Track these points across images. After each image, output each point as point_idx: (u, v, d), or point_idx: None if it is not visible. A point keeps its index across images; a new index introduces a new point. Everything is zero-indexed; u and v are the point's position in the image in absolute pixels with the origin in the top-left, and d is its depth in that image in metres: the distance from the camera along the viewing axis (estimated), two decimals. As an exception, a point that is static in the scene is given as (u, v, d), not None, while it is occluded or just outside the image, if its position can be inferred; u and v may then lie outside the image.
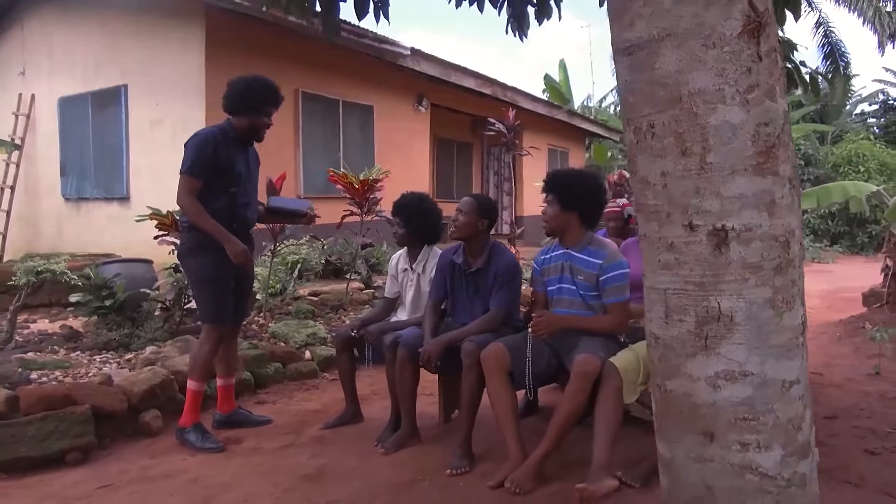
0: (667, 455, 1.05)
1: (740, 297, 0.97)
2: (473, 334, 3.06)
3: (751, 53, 0.91)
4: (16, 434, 3.21)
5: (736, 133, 0.93)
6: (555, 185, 3.00)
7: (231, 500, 2.77)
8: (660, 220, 0.99)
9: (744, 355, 0.98)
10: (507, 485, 2.63)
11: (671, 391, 1.01)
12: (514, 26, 4.11)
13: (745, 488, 1.00)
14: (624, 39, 0.97)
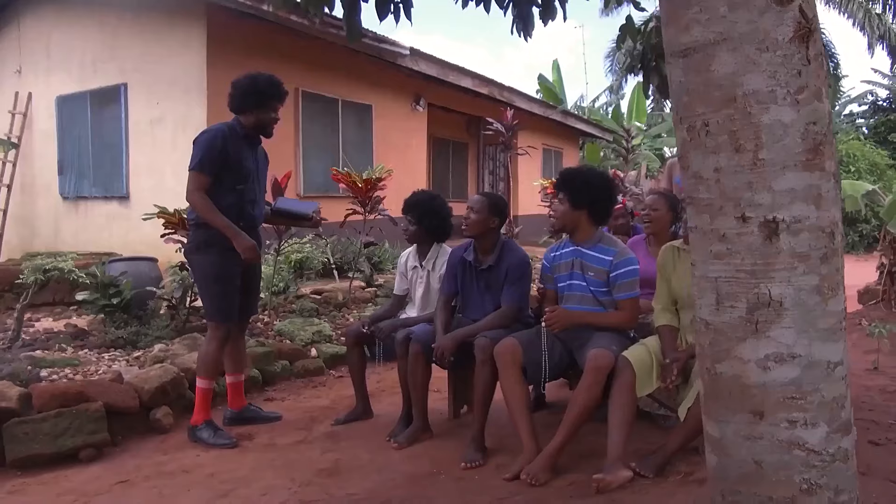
0: (715, 434, 1.11)
1: (789, 284, 1.04)
2: (486, 330, 3.10)
3: (801, 57, 0.98)
4: (31, 431, 3.23)
5: (787, 131, 1.00)
6: (565, 183, 3.05)
7: (250, 494, 2.80)
8: (712, 212, 1.05)
9: (792, 338, 1.04)
10: (522, 476, 2.68)
11: (721, 374, 1.07)
12: (520, 27, 4.15)
13: (792, 463, 1.06)
14: (679, 43, 1.03)
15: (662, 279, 3.01)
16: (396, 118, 9.81)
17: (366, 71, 8.91)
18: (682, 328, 2.95)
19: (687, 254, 2.93)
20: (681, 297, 2.94)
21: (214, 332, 3.45)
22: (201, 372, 3.47)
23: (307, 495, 2.74)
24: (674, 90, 1.11)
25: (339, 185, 5.89)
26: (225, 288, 3.41)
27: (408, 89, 10.00)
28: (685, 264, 2.91)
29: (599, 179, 3.10)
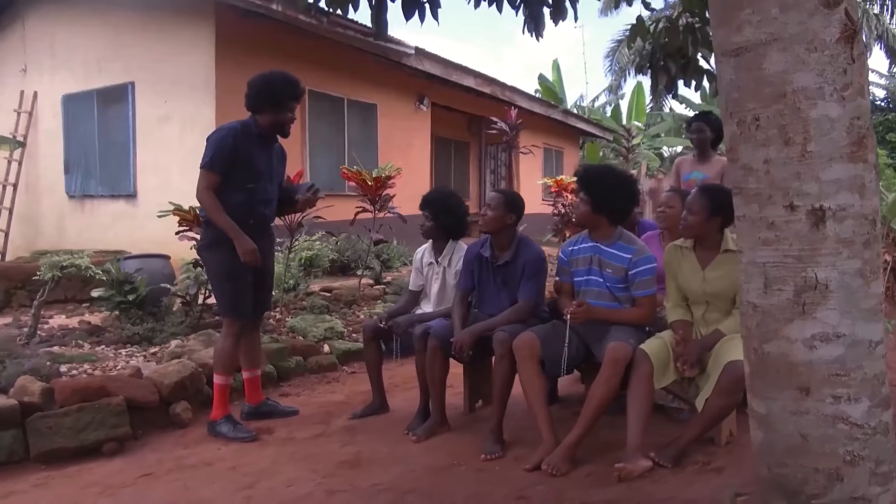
0: (762, 411, 1.18)
1: (834, 268, 1.12)
2: (503, 325, 3.15)
3: (846, 56, 1.05)
4: (54, 425, 3.27)
5: (833, 125, 1.07)
6: (589, 186, 3.07)
7: (274, 486, 2.85)
8: (761, 201, 1.12)
9: (837, 319, 1.12)
10: (543, 467, 2.73)
11: (769, 353, 1.14)
12: (531, 27, 4.20)
13: (836, 436, 1.14)
14: (731, 42, 1.10)
15: (670, 277, 3.07)
16: (400, 117, 9.87)
17: (370, 70, 8.95)
18: (695, 322, 3.01)
19: (689, 251, 2.99)
20: (690, 292, 3.00)
21: (229, 329, 3.49)
22: (218, 368, 3.51)
23: (332, 486, 2.79)
24: (723, 87, 1.17)
25: (347, 183, 5.93)
26: (237, 285, 3.43)
27: (411, 89, 10.05)
28: (689, 262, 2.98)
29: (623, 185, 3.12)
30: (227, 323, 3.51)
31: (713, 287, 2.89)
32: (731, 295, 2.88)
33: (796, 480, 1.14)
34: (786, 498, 1.16)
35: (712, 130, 4.73)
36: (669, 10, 4.92)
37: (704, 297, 2.93)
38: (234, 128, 3.43)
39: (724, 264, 2.87)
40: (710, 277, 2.90)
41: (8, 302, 5.57)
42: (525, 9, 4.20)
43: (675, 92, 4.91)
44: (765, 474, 1.20)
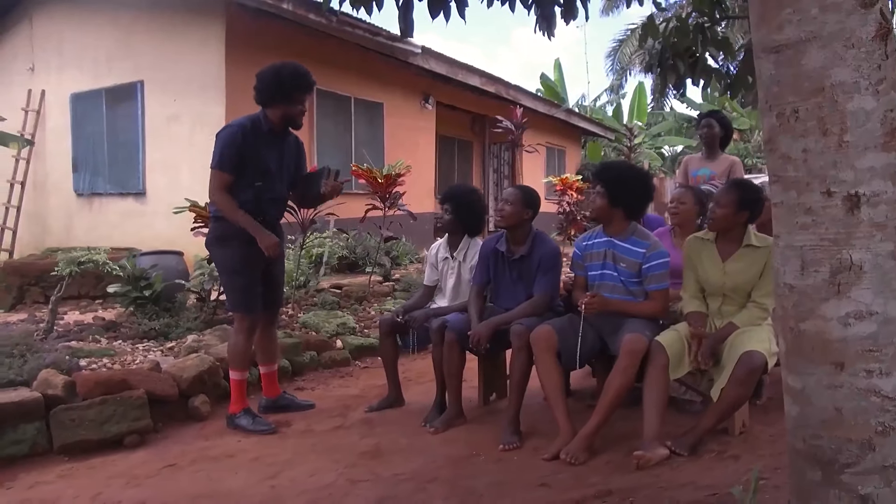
0: (797, 386, 1.25)
1: (868, 250, 1.20)
2: (520, 318, 3.21)
3: (881, 53, 1.14)
4: (77, 418, 3.33)
5: (869, 117, 1.16)
6: (607, 181, 3.13)
7: (297, 476, 2.90)
8: (799, 188, 1.19)
9: (870, 298, 1.20)
10: (562, 456, 2.78)
11: (805, 331, 1.22)
12: (543, 26, 4.26)
13: (869, 408, 1.22)
14: (772, 40, 1.18)
15: (689, 269, 3.13)
16: (406, 116, 9.93)
17: (377, 69, 9.01)
18: (711, 314, 3.07)
19: (710, 244, 3.05)
20: (708, 284, 3.05)
21: (241, 324, 3.50)
22: (232, 364, 3.54)
23: (354, 476, 2.84)
24: (763, 82, 1.24)
25: (358, 181, 5.99)
26: (247, 280, 3.44)
27: (417, 88, 10.11)
28: (710, 254, 3.04)
29: (639, 181, 3.18)
30: (239, 318, 3.52)
31: (732, 280, 2.95)
32: (748, 288, 2.94)
33: (830, 451, 1.21)
34: (820, 468, 1.23)
35: (722, 128, 4.80)
36: (677, 9, 4.99)
37: (722, 289, 2.99)
38: (243, 124, 3.39)
39: (745, 258, 2.94)
40: (731, 270, 2.96)
41: (21, 298, 5.62)
42: (537, 8, 4.26)
43: (684, 91, 4.98)
44: (800, 447, 1.27)
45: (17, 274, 5.72)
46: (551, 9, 4.27)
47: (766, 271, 2.87)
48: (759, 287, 2.90)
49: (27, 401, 3.26)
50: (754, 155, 17.38)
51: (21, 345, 3.90)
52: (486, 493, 2.55)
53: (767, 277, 2.86)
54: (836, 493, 1.22)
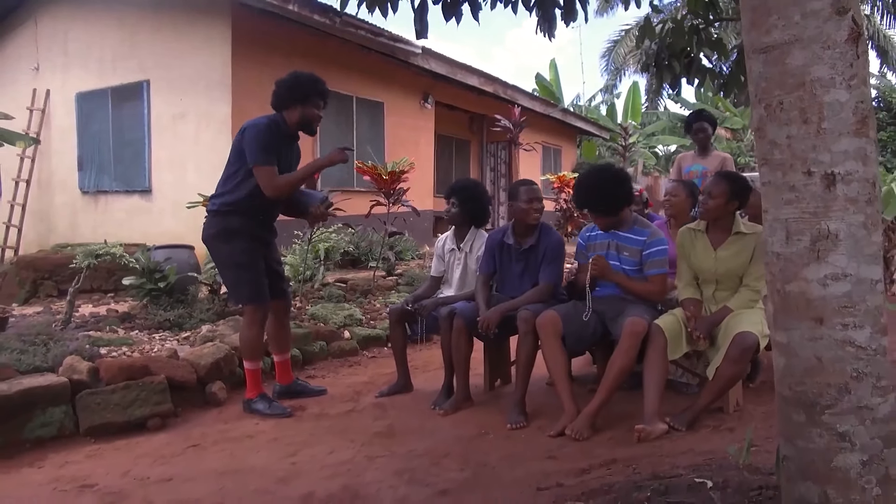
0: (783, 340, 1.44)
1: (843, 221, 1.40)
2: (527, 304, 3.38)
3: (852, 53, 1.35)
4: (102, 401, 3.48)
5: (843, 107, 1.36)
6: (589, 205, 3.33)
7: (316, 454, 3.06)
8: (784, 169, 1.39)
9: (845, 262, 1.40)
10: (567, 433, 2.96)
11: (789, 292, 1.42)
12: (544, 27, 4.43)
13: (845, 357, 1.42)
14: (761, 42, 1.40)
15: (682, 259, 3.31)
16: (406, 115, 10.09)
17: (378, 69, 9.17)
18: (706, 300, 3.25)
19: (701, 233, 3.23)
20: (702, 271, 3.24)
21: (253, 316, 3.61)
22: (247, 355, 3.68)
23: (371, 453, 3.00)
24: (753, 78, 1.44)
25: (363, 178, 6.15)
26: (252, 272, 3.57)
27: (417, 87, 10.28)
28: (702, 243, 3.22)
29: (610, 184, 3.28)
30: (250, 310, 3.62)
31: (724, 266, 3.14)
32: (739, 273, 3.12)
33: (813, 395, 1.41)
34: (804, 411, 1.42)
35: (712, 126, 4.99)
36: (672, 11, 5.18)
37: (715, 276, 3.17)
38: (270, 122, 3.53)
39: (735, 245, 3.12)
40: (722, 257, 3.14)
41: (35, 292, 5.76)
42: (538, 10, 4.43)
43: (679, 90, 5.18)
44: (787, 393, 1.45)
45: (31, 268, 5.86)
46: (552, 10, 4.45)
47: (755, 257, 3.06)
48: (750, 272, 3.09)
49: (55, 385, 3.41)
50: (747, 153, 17.62)
51: (42, 334, 4.05)
52: (498, 464, 2.72)
53: (758, 262, 3.06)
54: (818, 431, 1.41)
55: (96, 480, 2.87)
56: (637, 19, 20.73)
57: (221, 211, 3.55)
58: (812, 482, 1.38)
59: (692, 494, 1.66)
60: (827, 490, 1.35)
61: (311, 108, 3.59)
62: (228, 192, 3.53)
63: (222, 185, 3.58)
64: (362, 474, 2.75)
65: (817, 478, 1.38)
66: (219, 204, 3.56)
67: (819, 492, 1.36)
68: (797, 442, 1.42)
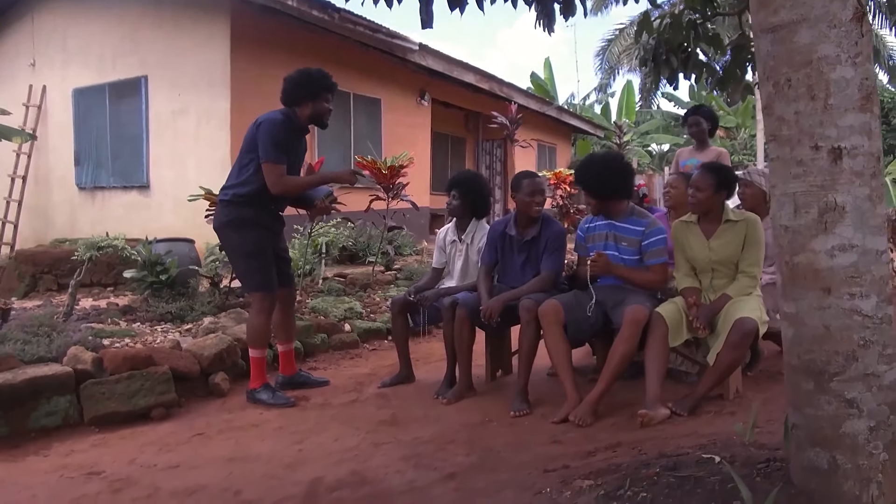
0: (792, 310, 1.49)
1: (849, 193, 1.45)
2: (529, 293, 3.42)
3: (857, 32, 1.40)
4: (106, 391, 3.49)
5: (848, 84, 1.41)
6: (586, 184, 3.39)
7: (322, 441, 3.09)
8: (791, 144, 1.44)
9: (851, 233, 1.45)
10: (571, 419, 3.00)
11: (798, 263, 1.47)
12: (545, 23, 4.47)
13: (852, 325, 1.46)
14: (769, 22, 1.45)
15: (679, 250, 3.36)
16: (403, 112, 10.11)
17: (375, 66, 9.19)
18: (704, 289, 3.30)
19: (694, 225, 3.28)
20: (697, 261, 3.29)
21: (261, 304, 3.66)
22: (253, 343, 3.71)
23: (376, 440, 3.03)
24: (761, 57, 1.49)
25: (364, 172, 6.17)
26: (262, 261, 3.64)
27: (414, 84, 10.30)
28: (695, 234, 3.28)
29: (613, 168, 3.38)
30: (258, 299, 3.67)
31: (718, 255, 3.19)
32: (734, 261, 3.18)
33: (821, 363, 1.45)
34: (812, 379, 1.46)
35: (708, 121, 5.04)
36: (669, 6, 5.23)
37: (710, 264, 3.23)
38: (284, 118, 3.60)
39: (727, 233, 3.18)
40: (715, 246, 3.19)
41: (34, 286, 5.76)
42: (538, 5, 4.47)
43: (676, 85, 5.22)
44: (795, 362, 1.49)
45: (30, 262, 5.85)
46: (551, 5, 4.48)
47: (747, 242, 3.13)
48: (744, 258, 3.15)
49: (60, 374, 3.42)
50: (740, 152, 17.74)
51: (45, 325, 4.06)
52: (504, 449, 2.75)
53: (751, 248, 3.13)
54: (826, 398, 1.45)
55: (103, 468, 2.89)
56: (631, 18, 20.85)
57: (234, 201, 3.60)
58: (821, 448, 1.43)
59: (701, 468, 1.70)
60: (836, 455, 1.40)
61: (322, 102, 3.65)
62: (241, 184, 3.58)
63: (235, 175, 3.64)
64: (369, 460, 2.78)
65: (826, 444, 1.43)
66: (231, 194, 3.61)
67: (828, 457, 1.41)
68: (806, 410, 1.47)
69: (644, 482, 1.74)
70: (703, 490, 1.57)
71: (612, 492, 1.76)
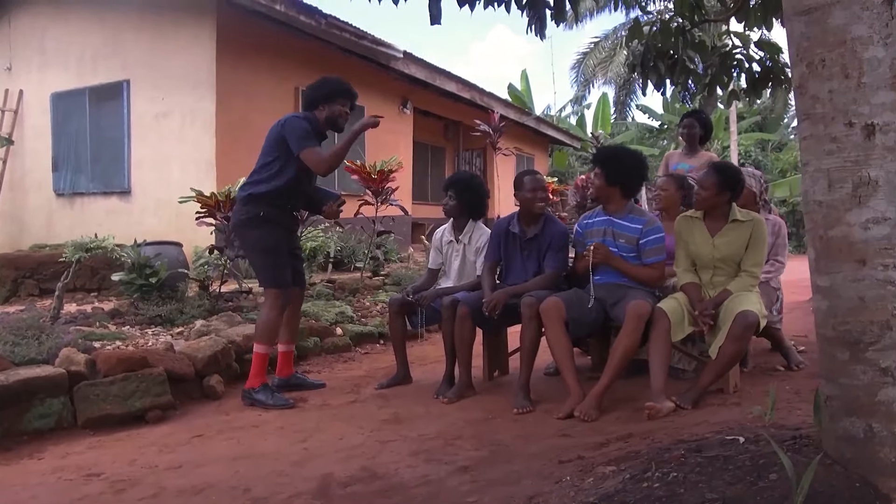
0: (826, 284, 1.56)
1: (882, 168, 1.52)
2: (532, 290, 3.44)
3: (888, 14, 1.50)
4: (101, 393, 3.43)
5: (880, 63, 1.49)
6: (603, 160, 3.44)
7: (327, 439, 3.05)
8: (825, 122, 1.51)
9: (884, 206, 1.52)
10: (576, 414, 3.01)
11: (832, 237, 1.54)
12: (537, 28, 4.55)
13: (886, 296, 1.53)
14: (803, 5, 1.55)
15: (681, 245, 3.42)
16: (385, 120, 10.06)
17: (358, 73, 9.16)
18: (704, 285, 3.36)
19: (699, 221, 3.35)
20: (700, 257, 3.35)
21: (274, 301, 3.68)
22: (262, 338, 3.69)
23: (381, 437, 3.01)
24: (794, 39, 1.57)
25: (352, 177, 6.17)
26: (278, 258, 3.69)
27: (396, 92, 10.33)
28: (699, 230, 3.34)
29: (632, 158, 3.48)
30: (272, 295, 3.70)
31: (721, 252, 3.25)
32: (736, 260, 3.24)
33: (856, 333, 1.51)
34: (848, 349, 1.51)
35: (701, 127, 5.15)
36: (655, 14, 5.35)
37: (713, 262, 3.29)
38: (305, 116, 3.70)
39: (732, 232, 3.24)
40: (719, 244, 3.26)
41: (16, 291, 5.61)
42: (529, 10, 4.54)
43: (664, 90, 5.34)
44: (830, 334, 1.55)
45: (12, 267, 5.71)
46: (543, 10, 4.56)
47: (751, 243, 3.20)
48: (748, 257, 3.21)
49: (53, 375, 3.36)
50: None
51: (33, 328, 3.96)
52: (513, 443, 2.76)
53: (755, 248, 3.19)
54: (861, 368, 1.51)
55: (102, 469, 2.83)
56: (605, 31, 21.25)
57: (254, 198, 3.65)
58: (857, 417, 1.48)
59: (726, 449, 1.73)
60: (871, 423, 1.45)
61: (337, 105, 3.76)
62: (263, 182, 3.65)
63: (256, 173, 3.70)
64: (377, 456, 2.76)
65: (861, 412, 1.48)
66: (251, 192, 3.67)
67: (864, 426, 1.45)
68: (841, 380, 1.51)
69: (671, 463, 1.76)
70: (734, 467, 1.59)
71: (640, 474, 1.77)
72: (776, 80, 4.86)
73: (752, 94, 5.07)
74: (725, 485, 1.53)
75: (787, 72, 4.82)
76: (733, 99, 5.26)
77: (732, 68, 5.02)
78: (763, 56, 4.85)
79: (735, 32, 5.05)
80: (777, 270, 3.88)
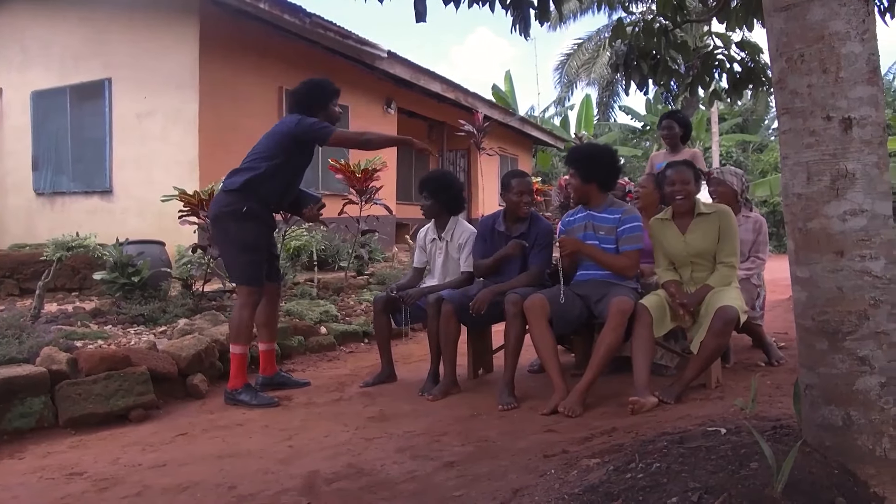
0: (805, 275, 1.58)
1: (859, 161, 1.55)
2: (517, 287, 3.46)
3: (865, 10, 1.54)
4: (83, 392, 3.39)
5: (857, 58, 1.53)
6: (575, 160, 3.48)
7: (313, 437, 3.05)
8: (804, 116, 1.54)
9: (861, 199, 1.55)
10: (560, 410, 3.04)
11: (811, 228, 1.57)
12: (521, 27, 4.57)
13: (863, 286, 1.56)
14: (784, 2, 1.60)
15: (657, 246, 3.47)
16: (370, 120, 10.09)
17: (343, 73, 9.15)
18: (684, 282, 3.40)
19: (669, 221, 3.40)
20: (675, 256, 3.39)
21: (248, 299, 3.63)
22: (237, 338, 3.65)
23: (367, 435, 3.01)
24: (774, 34, 1.60)
25: (336, 177, 6.15)
26: (256, 256, 3.64)
27: (380, 92, 10.31)
28: (671, 230, 3.39)
29: (602, 154, 3.51)
30: (246, 292, 3.64)
31: (694, 248, 3.31)
32: (711, 252, 3.29)
33: (835, 322, 1.55)
34: (826, 338, 1.54)
35: (681, 127, 5.20)
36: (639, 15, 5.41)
37: (688, 258, 3.34)
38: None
39: (700, 226, 3.31)
40: (690, 240, 3.31)
41: (-7, 291, 5.53)
42: (513, 10, 4.57)
43: (647, 90, 5.39)
44: (809, 324, 1.58)
45: (-10, 267, 5.62)
46: (527, 10, 4.59)
47: (722, 234, 3.26)
48: (721, 249, 3.27)
49: (34, 375, 3.32)
50: (696, 164, 18.30)
51: (14, 327, 3.90)
52: (499, 439, 2.77)
53: (726, 238, 3.27)
54: (839, 357, 1.54)
55: (85, 468, 2.80)
56: (589, 33, 21.40)
57: (241, 190, 3.57)
58: (835, 405, 1.51)
59: (709, 440, 1.75)
60: (850, 411, 1.48)
61: (332, 107, 3.81)
62: (254, 171, 3.58)
63: (248, 161, 3.64)
64: (363, 453, 2.76)
65: (840, 401, 1.51)
66: (240, 183, 3.58)
67: (842, 414, 1.49)
68: (819, 369, 1.54)
69: (655, 455, 1.78)
70: (716, 457, 1.62)
71: (623, 466, 1.79)
72: (757, 80, 4.93)
73: (734, 95, 5.13)
74: (708, 474, 1.55)
75: (768, 72, 4.89)
76: (715, 99, 5.31)
77: (714, 69, 5.08)
78: (744, 57, 4.91)
79: (717, 33, 5.11)
80: (758, 267, 3.93)
